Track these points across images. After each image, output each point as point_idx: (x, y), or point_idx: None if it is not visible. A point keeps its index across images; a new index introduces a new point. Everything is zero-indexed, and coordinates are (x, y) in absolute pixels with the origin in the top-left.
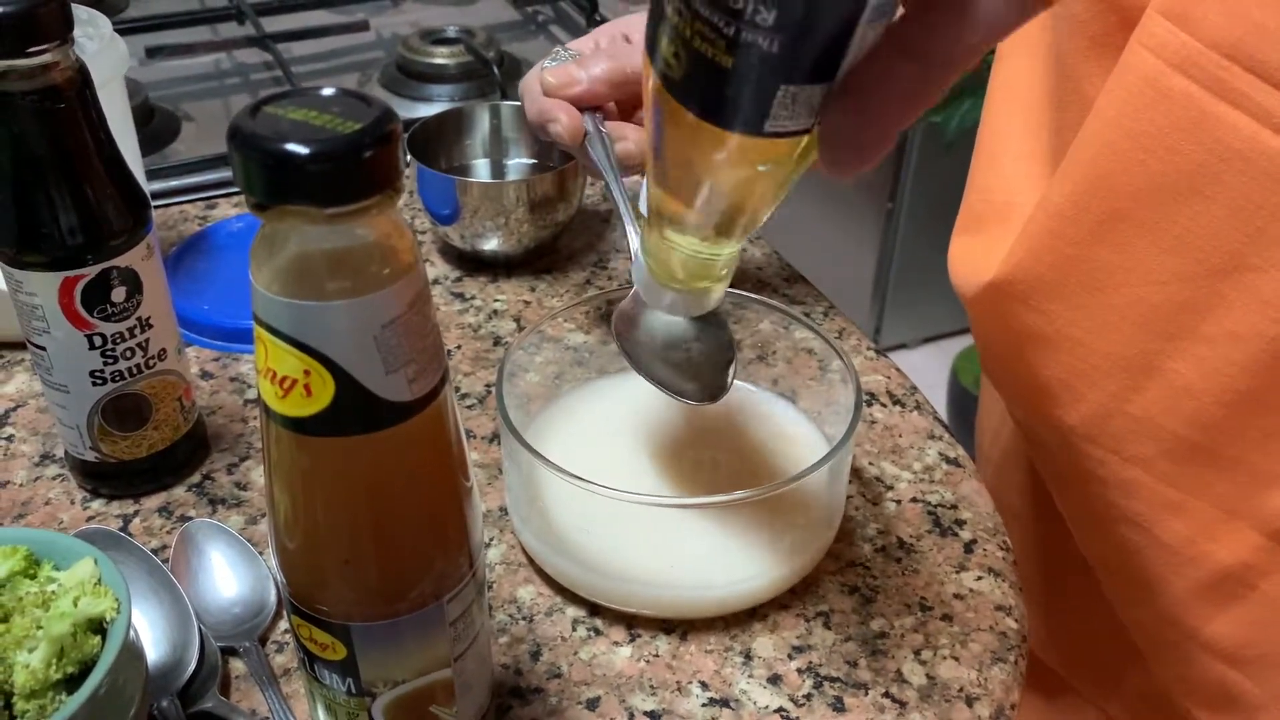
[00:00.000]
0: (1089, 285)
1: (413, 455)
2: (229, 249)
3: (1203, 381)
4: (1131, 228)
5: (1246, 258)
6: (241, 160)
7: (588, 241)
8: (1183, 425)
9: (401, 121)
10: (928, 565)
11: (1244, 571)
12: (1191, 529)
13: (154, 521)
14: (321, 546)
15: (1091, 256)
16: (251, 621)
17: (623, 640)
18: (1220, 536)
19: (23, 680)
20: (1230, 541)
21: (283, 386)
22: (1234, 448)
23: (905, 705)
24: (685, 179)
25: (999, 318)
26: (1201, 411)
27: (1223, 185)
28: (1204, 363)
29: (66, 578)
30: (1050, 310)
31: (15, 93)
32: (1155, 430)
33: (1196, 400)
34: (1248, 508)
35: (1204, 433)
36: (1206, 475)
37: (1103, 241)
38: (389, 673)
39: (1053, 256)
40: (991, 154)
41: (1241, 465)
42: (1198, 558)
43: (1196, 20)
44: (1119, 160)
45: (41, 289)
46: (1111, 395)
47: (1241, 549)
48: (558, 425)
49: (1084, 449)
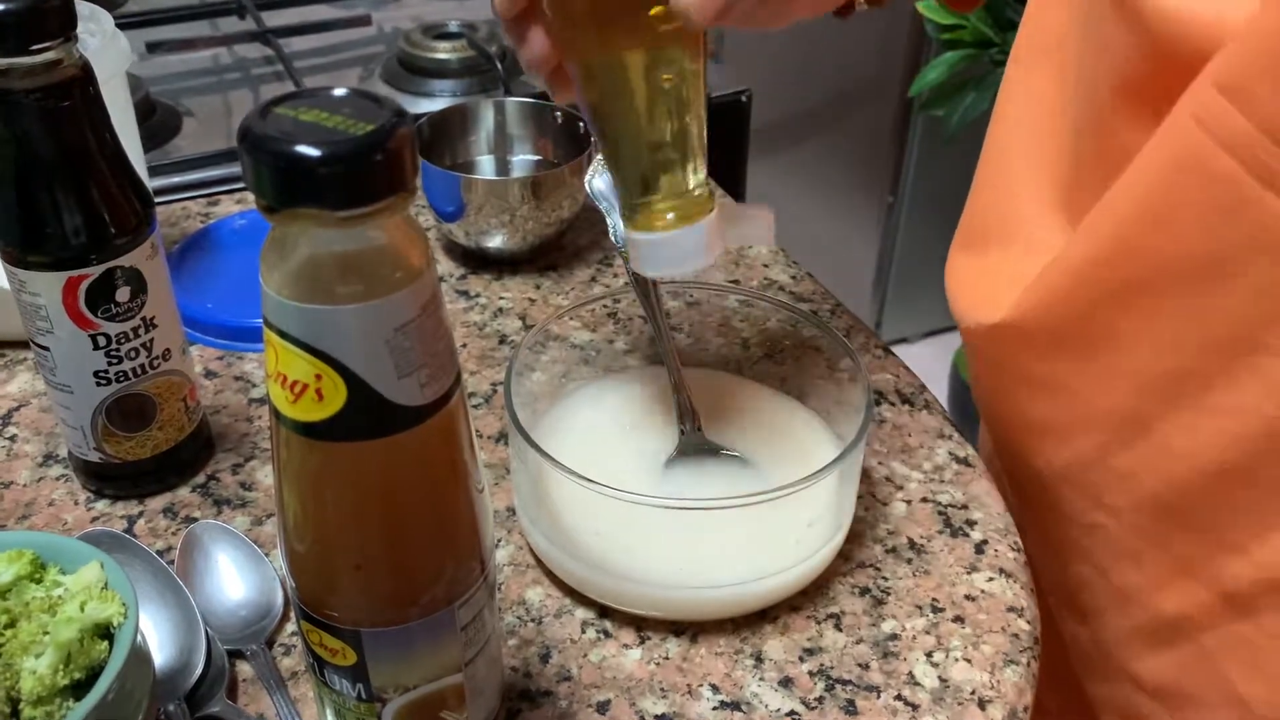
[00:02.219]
0: (1096, 343)
1: (425, 460)
2: (232, 246)
3: (1193, 448)
4: (1151, 297)
5: (1263, 340)
6: (252, 162)
7: (593, 238)
8: (1162, 485)
9: (413, 121)
10: (939, 566)
11: (1184, 623)
12: (1144, 578)
13: (159, 522)
14: (332, 552)
15: (1105, 318)
16: (258, 624)
17: (633, 642)
18: (1170, 589)
19: (30, 687)
20: (1178, 595)
21: (293, 391)
22: (1207, 514)
23: (918, 708)
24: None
25: (998, 357)
26: (1184, 476)
27: (1253, 269)
28: (1198, 431)
29: (73, 582)
30: (1052, 360)
31: (18, 91)
32: (1133, 485)
33: (1182, 464)
34: (1204, 568)
35: (1181, 495)
36: (1172, 533)
37: (1119, 305)
38: (400, 678)
39: (1064, 311)
40: (997, 168)
41: (1209, 530)
42: (1145, 604)
43: (1253, 100)
44: (1151, 229)
45: (45, 289)
46: (1097, 446)
47: (1187, 603)
48: (565, 424)
49: (1058, 489)
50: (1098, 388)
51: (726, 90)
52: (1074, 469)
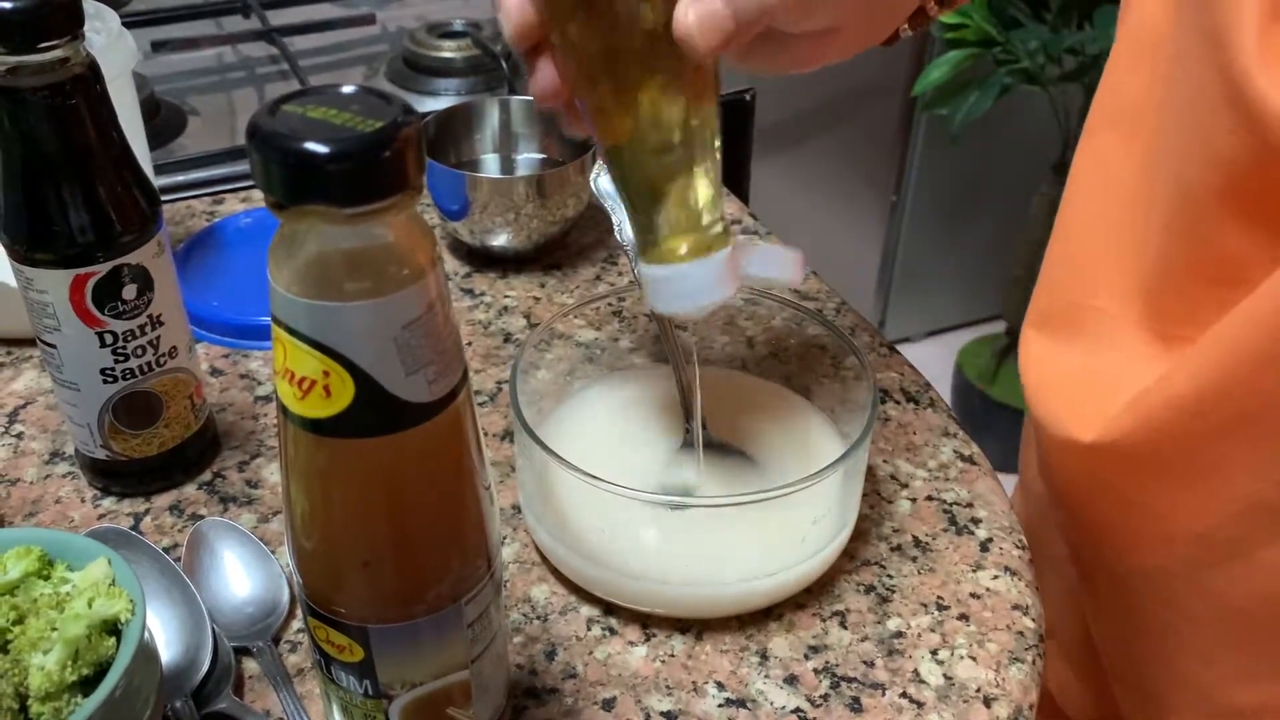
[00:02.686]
0: (1195, 471)
1: (432, 456)
2: (237, 245)
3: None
4: (1261, 431)
5: None
6: (261, 159)
7: (597, 237)
8: (1249, 600)
9: (421, 119)
10: (944, 564)
11: (1258, 712)
12: (1216, 675)
13: (165, 520)
14: (339, 548)
15: (1210, 450)
16: (265, 621)
17: (638, 640)
18: (1243, 684)
19: (38, 682)
20: (1252, 690)
21: (301, 387)
22: None
23: (923, 706)
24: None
25: (1089, 470)
26: (1274, 592)
27: None
28: None
29: (80, 579)
30: (1150, 483)
31: (26, 89)
32: (1219, 600)
33: (1273, 582)
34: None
35: (1267, 607)
36: (1251, 638)
37: (1224, 437)
38: (407, 674)
39: (1162, 438)
40: (1073, 246)
41: None
42: (1216, 698)
43: None
44: (1265, 366)
45: (52, 286)
46: (1186, 562)
47: (1263, 695)
48: (570, 422)
49: (1136, 588)
50: (1191, 511)
51: (731, 89)
52: (1157, 578)
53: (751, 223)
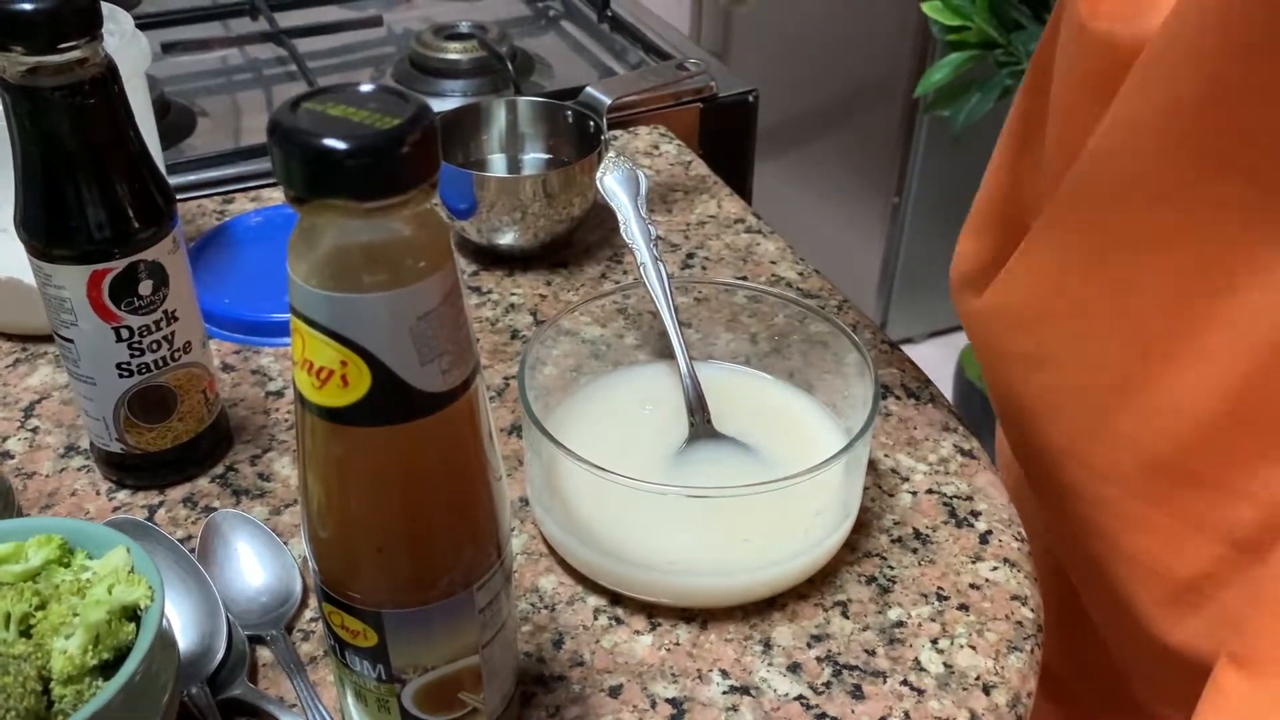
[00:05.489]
0: (1078, 312)
1: (445, 445)
2: (248, 243)
3: (1185, 402)
4: (1127, 262)
5: (1237, 278)
6: (282, 154)
7: (603, 235)
8: (1161, 442)
9: (436, 117)
10: (944, 556)
11: (1203, 583)
12: (1156, 543)
13: (179, 512)
14: (355, 535)
15: (1087, 287)
16: (278, 610)
17: (644, 629)
18: (1183, 550)
19: (60, 666)
20: (1192, 555)
21: (319, 377)
22: (1206, 465)
23: (923, 693)
24: None
25: (990, 338)
26: (1180, 430)
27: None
28: (1187, 384)
29: (100, 566)
30: (1042, 336)
31: (46, 88)
32: (1132, 447)
33: (1177, 420)
34: (1212, 521)
35: (1180, 450)
36: (1175, 491)
37: (1101, 272)
38: (419, 659)
39: (1047, 286)
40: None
41: (1210, 481)
42: (1160, 571)
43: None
44: (1118, 205)
45: (70, 282)
46: (1094, 412)
47: (1202, 561)
48: (576, 416)
49: (1061, 463)
50: (1084, 354)
51: (733, 91)
52: (1073, 440)
53: (754, 222)
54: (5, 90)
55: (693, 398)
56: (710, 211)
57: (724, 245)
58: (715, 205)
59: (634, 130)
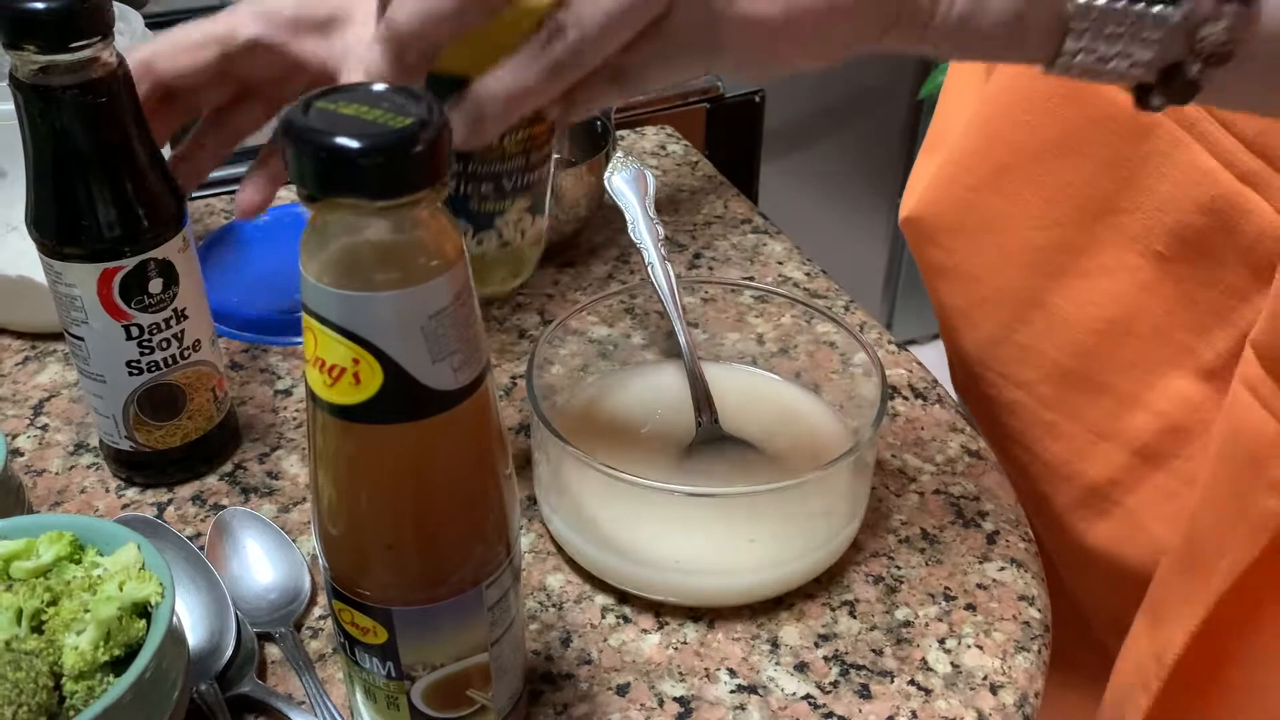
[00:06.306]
0: (984, 227)
1: (456, 442)
2: (256, 242)
3: (1078, 312)
4: (1019, 178)
5: (1117, 202)
6: (295, 153)
7: (609, 235)
8: (1061, 353)
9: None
10: (951, 556)
11: (1111, 488)
12: (1066, 450)
13: (188, 510)
14: (365, 532)
15: (986, 202)
16: (287, 608)
17: (651, 628)
18: (1091, 456)
19: (72, 661)
20: (1100, 461)
21: (331, 375)
22: (1104, 373)
23: (931, 693)
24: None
25: (915, 248)
26: (1077, 340)
27: (1097, 143)
28: (1080, 295)
29: (111, 563)
30: (952, 246)
31: (58, 87)
32: (1038, 358)
33: (1074, 330)
34: (1115, 429)
35: (1079, 359)
36: (1080, 400)
37: (995, 189)
38: (428, 657)
39: (953, 200)
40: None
41: (1109, 390)
42: (1072, 476)
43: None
44: (1010, 120)
45: (80, 280)
46: (1001, 324)
47: (1109, 467)
48: (584, 416)
49: (978, 372)
50: (991, 268)
51: (740, 91)
52: (986, 349)
53: (761, 222)
54: (17, 89)
55: (700, 397)
56: (717, 211)
57: (731, 245)
58: (722, 205)
59: (641, 130)
